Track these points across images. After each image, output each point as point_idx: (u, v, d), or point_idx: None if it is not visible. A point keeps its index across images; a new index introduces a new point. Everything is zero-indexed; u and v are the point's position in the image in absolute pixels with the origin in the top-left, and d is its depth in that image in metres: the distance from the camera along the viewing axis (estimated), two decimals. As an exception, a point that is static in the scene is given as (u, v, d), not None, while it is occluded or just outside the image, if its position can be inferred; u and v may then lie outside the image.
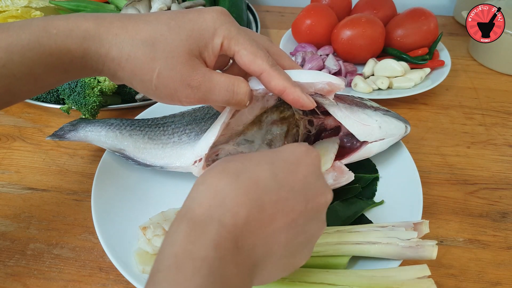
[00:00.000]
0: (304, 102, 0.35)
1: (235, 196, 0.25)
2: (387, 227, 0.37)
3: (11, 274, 0.41)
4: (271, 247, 0.26)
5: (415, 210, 0.42)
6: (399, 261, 0.37)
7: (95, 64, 0.33)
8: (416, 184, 0.45)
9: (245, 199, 0.25)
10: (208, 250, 0.22)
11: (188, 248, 0.22)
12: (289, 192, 0.26)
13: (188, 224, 0.24)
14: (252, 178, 0.26)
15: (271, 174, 0.26)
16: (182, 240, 0.23)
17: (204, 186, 0.25)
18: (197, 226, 0.23)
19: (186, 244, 0.22)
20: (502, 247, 0.44)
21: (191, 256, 0.22)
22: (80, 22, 0.32)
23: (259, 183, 0.25)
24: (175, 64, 0.32)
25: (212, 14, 0.34)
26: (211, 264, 0.22)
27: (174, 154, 0.45)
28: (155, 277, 0.22)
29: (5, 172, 0.53)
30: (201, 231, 0.23)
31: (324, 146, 0.46)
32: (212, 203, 0.24)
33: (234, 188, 0.25)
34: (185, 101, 0.34)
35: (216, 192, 0.25)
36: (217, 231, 0.23)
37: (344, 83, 0.39)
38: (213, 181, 0.25)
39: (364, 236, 0.37)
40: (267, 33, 0.83)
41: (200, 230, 0.23)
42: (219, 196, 0.24)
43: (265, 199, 0.25)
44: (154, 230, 0.39)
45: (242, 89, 0.35)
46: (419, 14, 0.68)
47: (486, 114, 0.62)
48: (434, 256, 0.35)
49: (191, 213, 0.24)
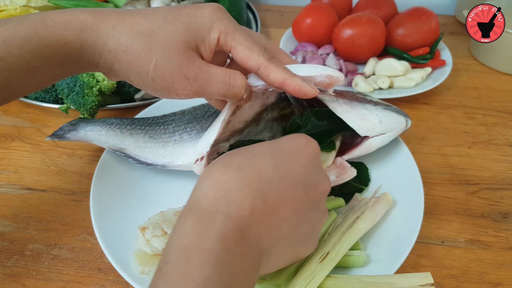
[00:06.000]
0: (306, 90, 0.35)
1: (239, 188, 0.25)
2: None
3: (10, 275, 0.41)
4: (276, 237, 0.27)
5: (416, 211, 0.42)
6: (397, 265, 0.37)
7: (91, 56, 0.33)
8: (417, 185, 0.44)
9: (249, 191, 0.25)
10: (215, 242, 0.23)
11: (195, 240, 0.23)
12: (290, 182, 0.27)
13: (194, 217, 0.24)
14: (255, 170, 0.26)
15: (272, 165, 0.27)
16: (190, 233, 0.23)
17: (209, 180, 0.26)
18: (204, 218, 0.24)
19: (194, 236, 0.23)
20: (503, 247, 0.44)
21: (199, 248, 0.22)
22: (78, 14, 0.32)
23: (261, 174, 0.26)
24: (172, 55, 0.32)
25: (209, 9, 0.34)
26: (218, 256, 0.22)
27: (175, 152, 0.45)
28: (163, 268, 0.22)
29: (4, 172, 0.52)
30: (208, 223, 0.23)
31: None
32: (217, 195, 0.25)
33: (237, 180, 0.25)
34: (182, 94, 0.34)
35: (221, 185, 0.25)
36: (223, 223, 0.24)
37: (343, 76, 0.39)
38: (217, 174, 0.26)
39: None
40: (267, 32, 0.83)
41: (207, 223, 0.24)
42: (224, 189, 0.25)
43: (268, 190, 0.26)
44: (153, 230, 0.38)
45: (239, 81, 0.35)
46: (420, 13, 0.68)
47: (487, 114, 0.62)
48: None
49: (197, 206, 0.25)
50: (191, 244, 0.23)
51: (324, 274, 0.34)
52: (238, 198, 0.25)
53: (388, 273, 0.36)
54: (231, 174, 0.26)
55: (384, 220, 0.42)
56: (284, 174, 0.27)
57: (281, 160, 0.28)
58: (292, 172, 0.28)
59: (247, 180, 0.25)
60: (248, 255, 0.24)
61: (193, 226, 0.23)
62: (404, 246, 0.38)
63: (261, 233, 0.26)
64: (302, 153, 0.29)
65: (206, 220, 0.24)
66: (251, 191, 0.25)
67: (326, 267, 0.35)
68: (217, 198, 0.25)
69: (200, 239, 0.23)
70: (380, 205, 0.41)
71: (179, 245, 0.23)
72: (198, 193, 0.25)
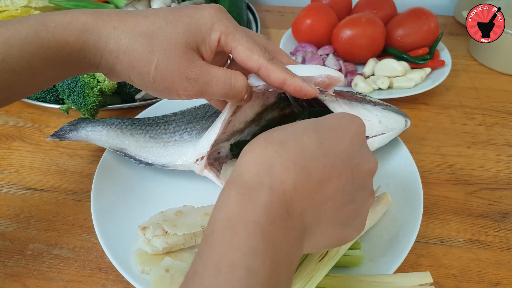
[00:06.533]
0: (307, 90, 0.35)
1: (282, 163, 0.25)
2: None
3: (11, 274, 0.41)
4: (320, 214, 0.26)
5: (415, 211, 0.42)
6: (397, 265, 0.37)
7: (93, 57, 0.33)
8: (416, 184, 0.45)
9: (292, 166, 0.25)
10: (259, 214, 0.23)
11: (241, 211, 0.23)
12: (335, 159, 0.26)
13: (238, 189, 0.24)
14: (298, 146, 0.26)
15: (316, 141, 0.26)
16: (235, 204, 0.23)
17: (251, 154, 0.26)
18: (248, 191, 0.24)
19: (239, 208, 0.23)
20: (502, 247, 0.44)
21: (244, 219, 0.22)
22: (78, 15, 0.32)
23: (304, 150, 0.26)
24: (173, 56, 0.32)
25: (209, 10, 0.34)
26: (263, 228, 0.22)
27: (176, 152, 0.45)
28: (209, 238, 0.23)
29: (5, 172, 0.52)
30: (252, 196, 0.23)
31: None
32: (260, 170, 0.24)
33: (280, 155, 0.25)
34: (183, 94, 0.34)
35: (264, 159, 0.25)
36: (267, 197, 0.23)
37: (343, 76, 0.39)
38: (259, 149, 0.26)
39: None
40: (267, 32, 0.83)
41: (251, 195, 0.23)
42: (267, 163, 0.25)
43: (312, 166, 0.25)
44: (153, 230, 0.38)
45: (239, 82, 0.35)
46: (419, 13, 0.68)
47: (486, 114, 0.62)
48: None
49: (240, 180, 0.24)
50: (237, 215, 0.23)
51: (323, 273, 0.34)
52: (281, 173, 0.24)
53: (388, 272, 0.37)
54: (274, 149, 0.25)
55: (383, 219, 0.42)
56: (329, 151, 0.26)
57: (325, 137, 0.27)
58: (337, 149, 0.27)
59: (290, 155, 0.25)
60: (292, 230, 0.24)
61: (238, 198, 0.23)
62: (404, 245, 0.39)
63: (305, 209, 0.25)
64: (347, 130, 0.28)
65: (250, 193, 0.24)
66: (295, 167, 0.25)
67: (325, 267, 0.35)
68: (260, 173, 0.24)
69: (246, 210, 0.23)
70: (380, 205, 0.41)
71: (225, 215, 0.23)
72: (241, 167, 0.25)
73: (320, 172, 0.26)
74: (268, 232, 0.22)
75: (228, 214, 0.23)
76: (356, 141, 0.28)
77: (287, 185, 0.24)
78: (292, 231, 0.24)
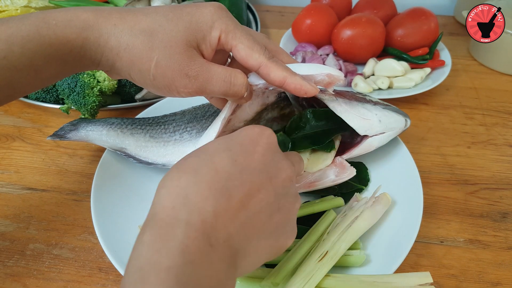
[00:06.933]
0: (307, 88, 0.35)
1: (198, 191, 0.24)
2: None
3: (11, 274, 0.41)
4: (249, 231, 0.26)
5: (415, 211, 0.42)
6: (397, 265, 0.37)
7: (93, 55, 0.33)
8: (416, 184, 0.44)
9: (209, 191, 0.24)
10: (174, 257, 0.21)
11: (153, 259, 0.21)
12: (251, 173, 0.26)
13: (151, 231, 0.23)
14: (211, 169, 0.25)
15: (229, 160, 0.26)
16: (147, 251, 0.22)
17: (165, 189, 0.25)
18: (162, 232, 0.22)
19: (151, 254, 0.22)
20: (502, 247, 0.44)
21: (156, 268, 0.21)
22: (79, 13, 0.32)
23: (219, 171, 0.25)
24: (173, 53, 0.32)
25: (210, 8, 0.34)
26: (178, 273, 0.21)
27: (176, 152, 0.45)
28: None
29: (5, 172, 0.52)
30: (167, 237, 0.22)
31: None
32: (176, 203, 0.23)
33: (195, 182, 0.24)
34: (183, 92, 0.34)
35: (178, 191, 0.24)
36: (184, 233, 0.22)
37: (343, 75, 0.39)
38: (172, 182, 0.25)
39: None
40: (267, 32, 0.83)
41: (166, 236, 0.22)
42: (182, 195, 0.24)
43: (230, 185, 0.25)
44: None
45: (239, 80, 0.35)
46: (419, 13, 0.68)
47: (486, 114, 0.62)
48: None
49: (155, 219, 0.23)
50: (148, 264, 0.21)
51: (322, 273, 0.34)
52: (199, 202, 0.23)
53: (388, 272, 0.37)
54: (187, 178, 0.24)
55: (383, 219, 0.42)
56: (244, 166, 0.26)
57: (237, 153, 0.27)
58: (251, 162, 0.27)
59: (205, 181, 0.24)
60: (218, 262, 0.23)
61: (151, 243, 0.22)
62: (404, 245, 0.38)
63: (231, 233, 0.24)
64: (258, 142, 0.28)
65: (164, 233, 0.22)
66: (212, 191, 0.24)
67: (325, 266, 0.35)
68: (176, 206, 0.23)
69: (158, 257, 0.21)
70: (380, 205, 0.41)
71: (136, 266, 0.22)
72: (155, 205, 0.24)
73: (240, 190, 0.25)
74: (185, 275, 0.21)
75: (140, 264, 0.22)
76: (269, 151, 0.28)
77: (206, 214, 0.23)
78: (219, 263, 0.23)
